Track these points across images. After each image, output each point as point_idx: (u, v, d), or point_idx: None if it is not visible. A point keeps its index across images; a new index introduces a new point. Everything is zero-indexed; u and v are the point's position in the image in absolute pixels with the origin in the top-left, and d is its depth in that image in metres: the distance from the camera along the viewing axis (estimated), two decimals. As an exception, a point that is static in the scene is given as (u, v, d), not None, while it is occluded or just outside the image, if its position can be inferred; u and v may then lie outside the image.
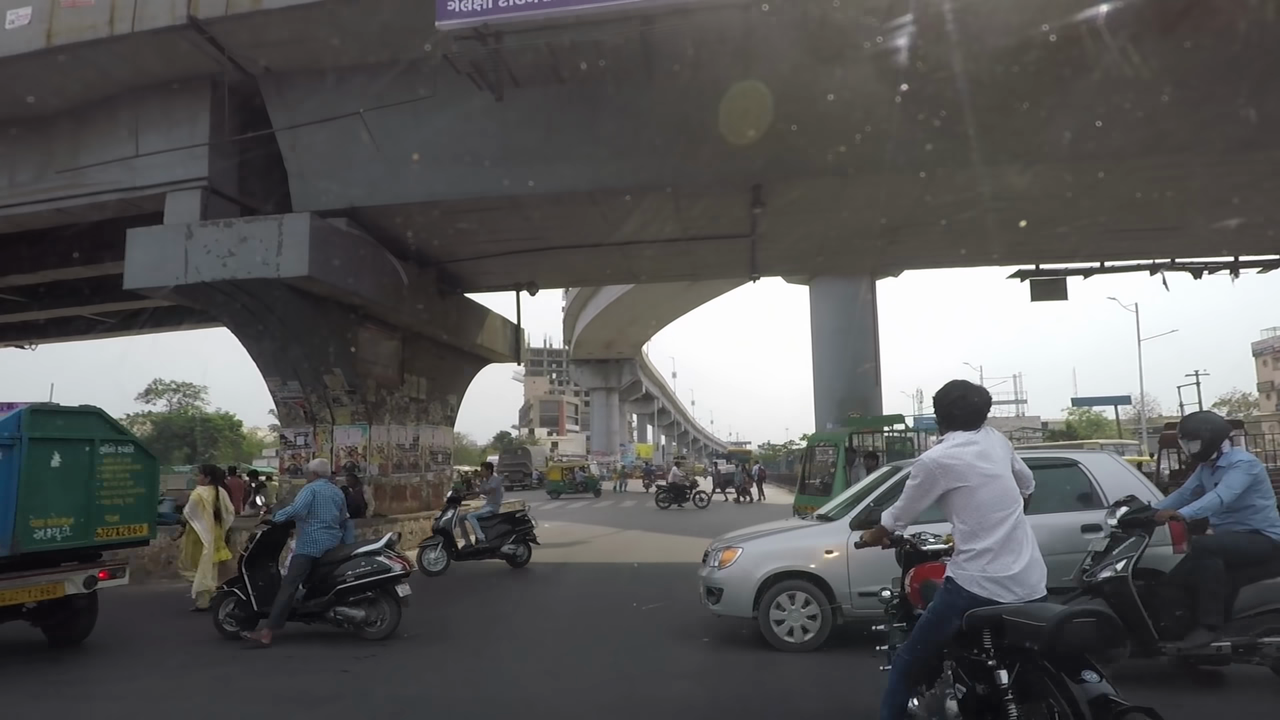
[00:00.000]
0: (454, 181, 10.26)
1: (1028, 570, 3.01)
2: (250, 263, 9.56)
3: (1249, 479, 4.74)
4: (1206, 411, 5.45)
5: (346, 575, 6.49)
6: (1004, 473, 3.15)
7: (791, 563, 6.11)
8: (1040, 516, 5.74)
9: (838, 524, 6.21)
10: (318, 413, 11.77)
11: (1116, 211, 11.43)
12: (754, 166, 9.77)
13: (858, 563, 5.91)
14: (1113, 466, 6.11)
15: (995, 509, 3.05)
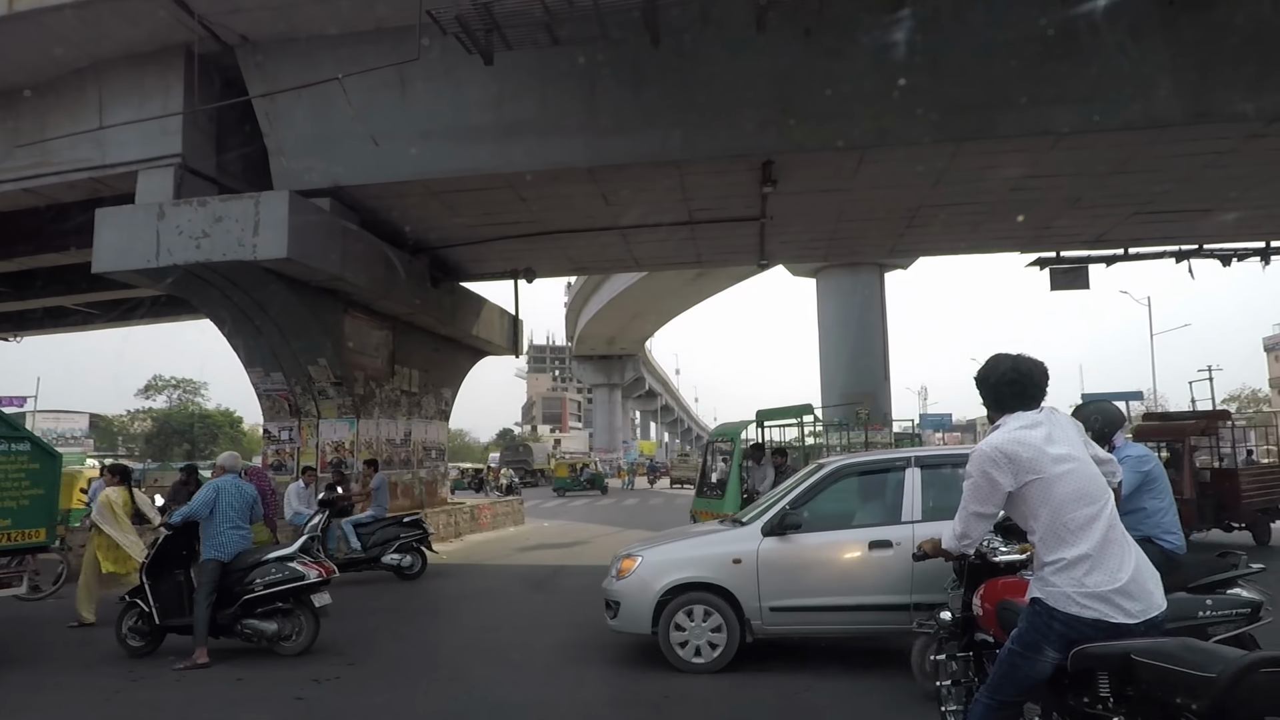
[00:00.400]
0: (443, 158, 9.60)
1: (1137, 578, 2.39)
2: (225, 244, 8.92)
3: (1139, 477, 4.12)
4: (1100, 400, 4.71)
5: (255, 584, 5.81)
6: (1083, 457, 2.55)
7: (695, 573, 5.45)
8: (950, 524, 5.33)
9: (748, 529, 5.56)
10: (303, 406, 11.15)
11: (1151, 191, 10.72)
12: (765, 140, 9.10)
13: (769, 573, 5.36)
14: None
15: (1082, 504, 2.44)
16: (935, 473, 5.64)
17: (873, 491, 5.98)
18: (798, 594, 5.33)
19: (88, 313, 17.46)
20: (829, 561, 5.36)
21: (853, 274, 28.37)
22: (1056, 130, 8.75)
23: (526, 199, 10.53)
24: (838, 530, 5.49)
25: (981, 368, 2.76)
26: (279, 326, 10.40)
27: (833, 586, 5.31)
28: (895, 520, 5.39)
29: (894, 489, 5.55)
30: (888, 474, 5.71)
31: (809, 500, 5.61)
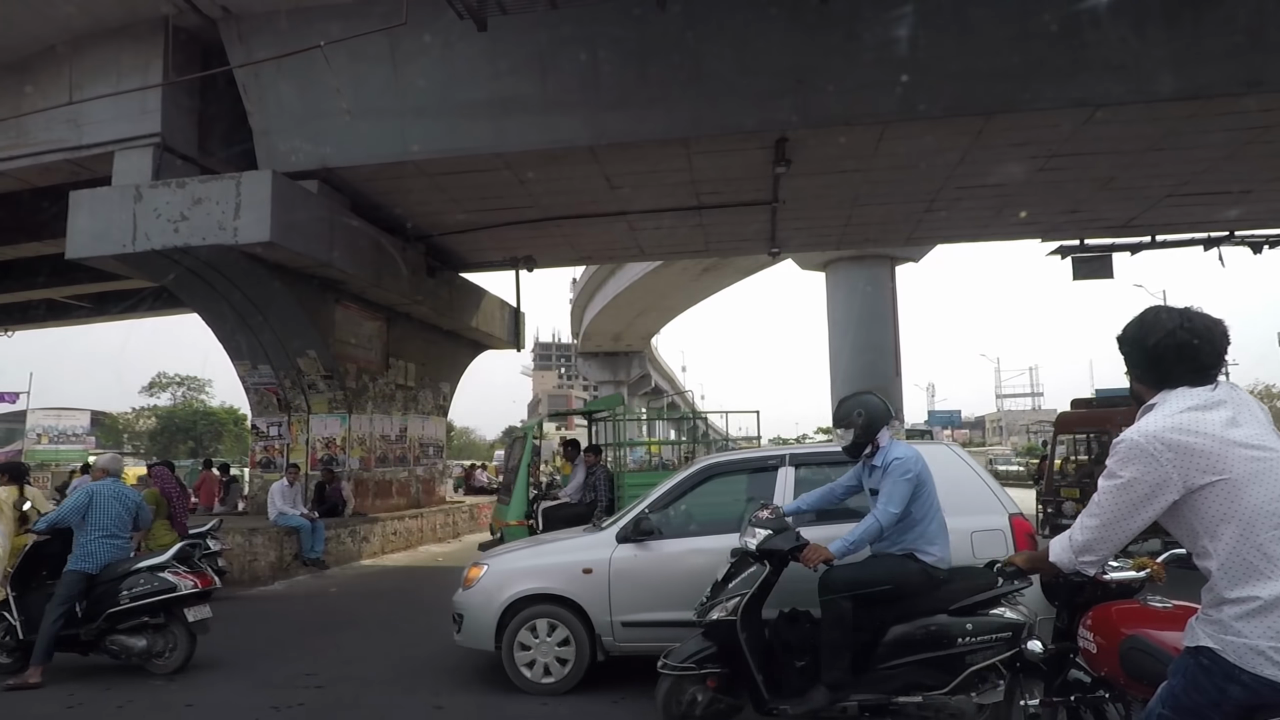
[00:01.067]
0: (437, 137, 9.05)
1: None
2: (205, 227, 8.39)
3: (908, 487, 3.71)
4: (863, 392, 4.10)
5: (121, 596, 5.29)
6: (1276, 459, 1.79)
7: (541, 584, 4.93)
8: (841, 526, 4.56)
9: (603, 536, 5.04)
10: (292, 400, 10.62)
11: (1188, 169, 10.09)
12: (779, 115, 8.51)
13: (621, 584, 4.84)
14: (950, 463, 4.86)
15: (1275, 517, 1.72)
16: (811, 472, 5.10)
17: (741, 493, 5.44)
18: (652, 607, 4.79)
19: (77, 306, 17.00)
20: (687, 571, 4.78)
21: (863, 267, 27.78)
22: (1093, 102, 8.15)
23: (526, 182, 9.97)
24: (699, 536, 4.96)
25: (1132, 324, 2.03)
26: (265, 316, 9.88)
27: (690, 599, 4.70)
28: None
29: (764, 491, 4.98)
30: (759, 474, 5.17)
31: (671, 502, 5.07)
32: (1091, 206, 11.53)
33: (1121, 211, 11.93)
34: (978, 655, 3.32)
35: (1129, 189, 10.77)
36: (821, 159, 9.50)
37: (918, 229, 12.43)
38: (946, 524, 3.94)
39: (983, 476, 4.85)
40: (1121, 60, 7.94)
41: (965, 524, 4.58)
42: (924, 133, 8.89)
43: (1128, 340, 2.03)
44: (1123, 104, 8.17)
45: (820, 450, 5.53)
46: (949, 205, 11.30)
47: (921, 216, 11.81)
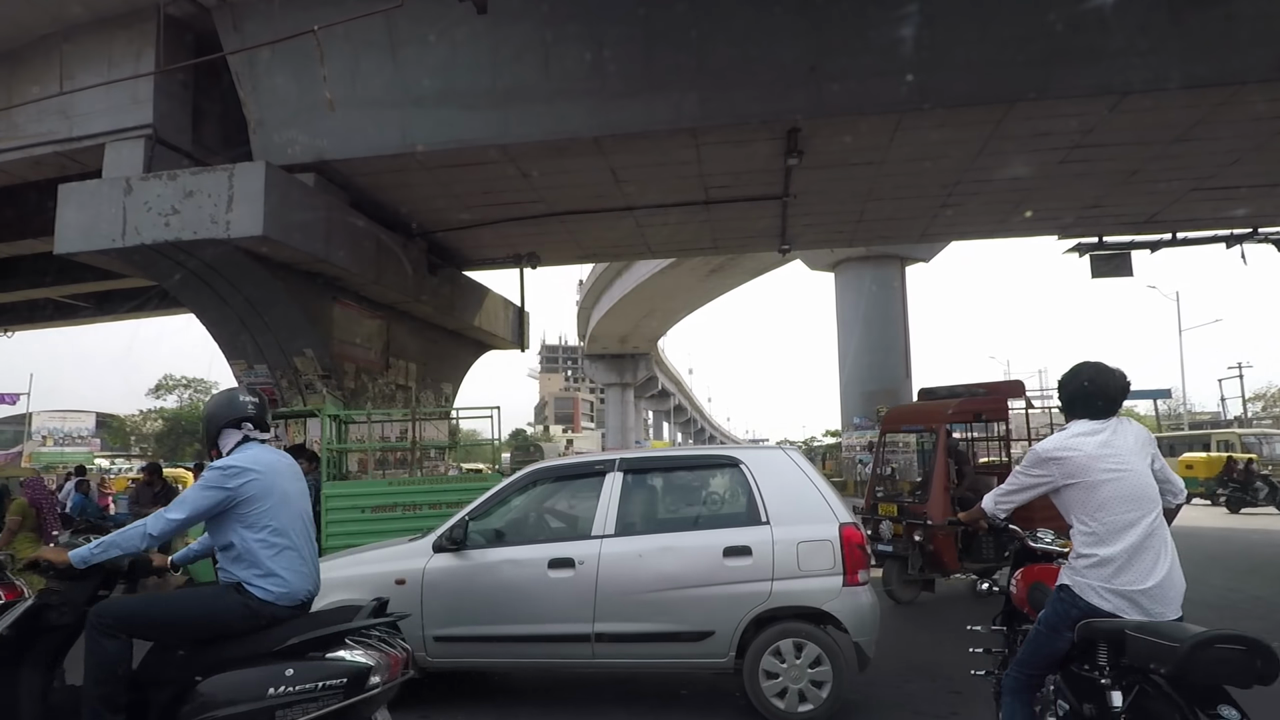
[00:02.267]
0: (437, 128, 8.76)
1: (1164, 586, 2.61)
2: (197, 221, 8.11)
3: (210, 498, 2.85)
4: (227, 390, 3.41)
5: None
6: (1136, 468, 2.74)
7: (352, 595, 4.57)
8: (669, 536, 4.65)
9: (420, 544, 4.80)
10: (289, 400, 10.33)
11: (1216, 161, 9.72)
12: (791, 103, 8.19)
13: (435, 596, 4.61)
14: (784, 469, 4.70)
15: (1123, 509, 2.68)
16: (642, 479, 4.88)
17: (568, 500, 5.23)
18: (465, 621, 4.58)
19: (76, 306, 16.79)
20: (503, 583, 4.59)
21: (873, 267, 27.38)
22: (1118, 89, 7.80)
23: (529, 175, 9.66)
24: (519, 546, 4.74)
25: (1065, 373, 2.97)
26: (261, 314, 9.60)
27: (504, 612, 4.55)
28: (585, 534, 4.66)
29: (591, 498, 4.79)
30: (587, 480, 4.93)
31: (494, 510, 4.82)
32: (1113, 201, 11.16)
33: (1143, 207, 11.55)
34: (295, 709, 2.56)
35: (1152, 183, 10.40)
36: (834, 151, 9.17)
37: (932, 225, 12.07)
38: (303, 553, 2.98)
39: (817, 484, 4.64)
40: (1149, 45, 7.59)
41: (793, 534, 4.42)
42: (941, 123, 8.56)
43: (1059, 384, 2.95)
44: (1149, 91, 7.81)
45: (653, 455, 5.33)
46: (965, 200, 10.95)
47: (937, 212, 11.46)
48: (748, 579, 4.35)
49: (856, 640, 4.33)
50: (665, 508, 5.02)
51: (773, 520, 4.47)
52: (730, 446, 5.24)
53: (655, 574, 4.42)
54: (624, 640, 4.46)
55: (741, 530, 4.50)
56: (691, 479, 5.11)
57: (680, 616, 4.37)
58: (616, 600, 4.41)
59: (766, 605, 4.32)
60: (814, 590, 4.31)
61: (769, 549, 4.37)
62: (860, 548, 4.40)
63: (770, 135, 8.70)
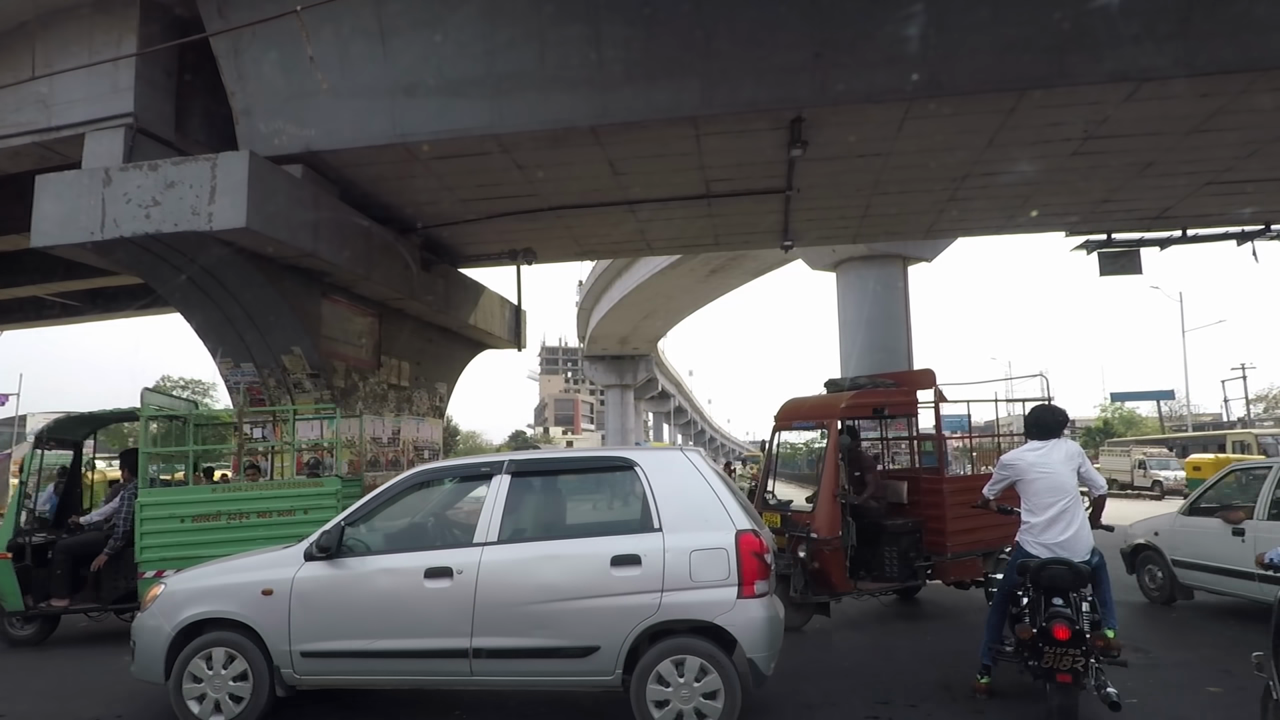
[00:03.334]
0: (429, 117, 8.47)
1: (1071, 541, 4.44)
2: (178, 213, 7.81)
3: None
4: None
5: None
6: (1057, 471, 4.56)
7: (216, 606, 4.36)
8: (555, 544, 4.29)
9: (292, 551, 4.49)
10: (277, 400, 10.03)
11: (1233, 154, 9.42)
12: (796, 90, 7.90)
13: (304, 608, 4.28)
14: (682, 473, 4.36)
15: (1046, 496, 4.55)
16: (532, 482, 4.54)
17: (454, 504, 4.92)
18: (335, 635, 4.24)
19: (68, 304, 16.49)
20: (377, 594, 4.27)
21: (875, 267, 27.13)
22: (1136, 76, 7.50)
23: (524, 167, 9.37)
24: (396, 554, 4.44)
25: (1030, 410, 4.97)
26: (246, 311, 9.30)
27: (377, 626, 4.23)
28: (466, 541, 4.33)
29: (477, 502, 4.51)
30: (475, 483, 4.64)
31: (374, 514, 4.49)
32: (1124, 196, 10.86)
33: (1155, 202, 11.25)
34: None
35: (1166, 176, 10.11)
36: (840, 142, 8.87)
37: (939, 220, 11.77)
38: None
39: (715, 489, 4.30)
40: (1167, 30, 7.30)
41: (686, 542, 4.09)
42: (951, 112, 8.26)
43: (1025, 418, 4.90)
44: (1166, 79, 7.52)
45: (545, 457, 4.95)
46: (973, 195, 10.65)
47: (944, 206, 11.16)
48: (636, 590, 4.04)
49: (751, 656, 4.00)
50: (554, 513, 4.67)
51: (666, 527, 4.17)
52: (626, 449, 4.87)
53: (538, 584, 4.13)
54: (504, 656, 4.14)
55: (632, 538, 4.20)
56: (584, 483, 4.81)
57: (564, 630, 4.08)
58: (496, 613, 4.10)
59: (655, 619, 4.01)
60: (706, 602, 4.00)
61: (660, 558, 4.07)
62: (758, 557, 4.07)
63: (773, 125, 8.40)
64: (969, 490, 7.27)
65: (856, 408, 7.28)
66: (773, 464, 8.10)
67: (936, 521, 7.15)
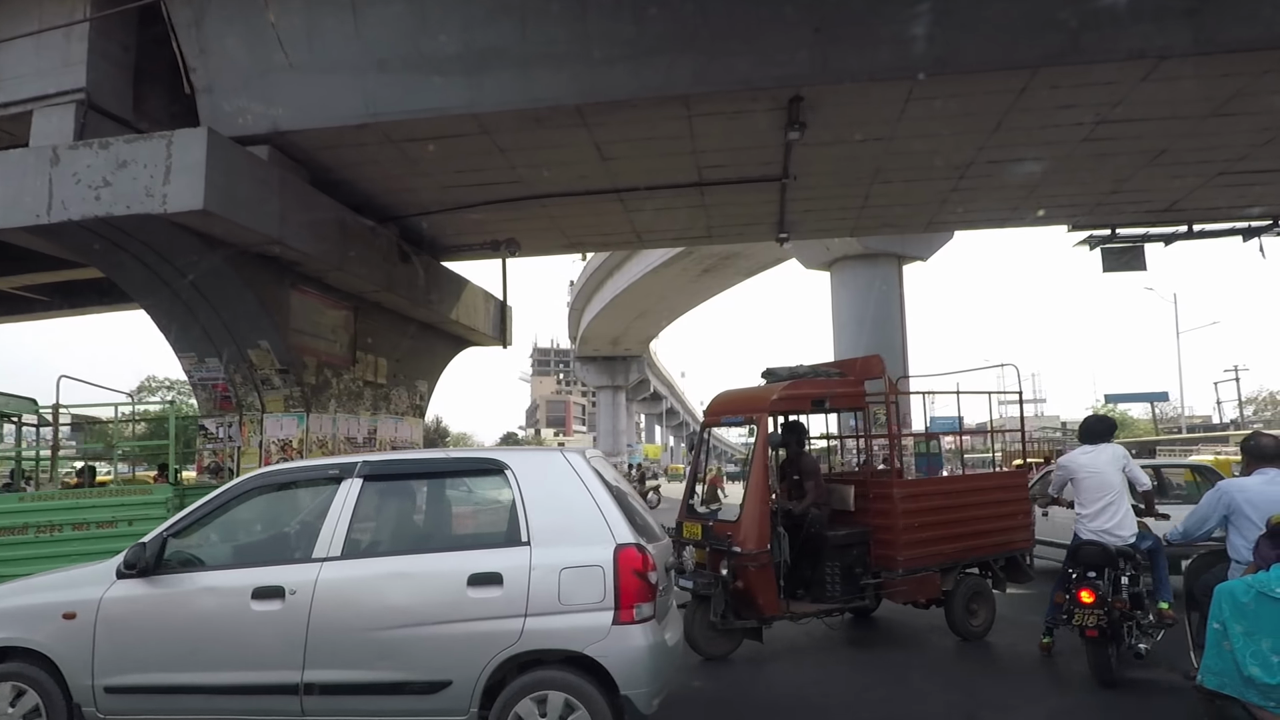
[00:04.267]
0: (403, 95, 7.94)
1: (1115, 528, 5.47)
2: (130, 194, 7.25)
3: None
4: None
5: None
6: (1104, 471, 5.61)
7: (11, 633, 3.77)
8: (405, 560, 3.75)
9: (100, 569, 3.90)
10: (243, 397, 9.47)
11: (1250, 140, 9.00)
12: (794, 67, 7.41)
13: (111, 635, 3.68)
14: (559, 477, 3.84)
15: (1095, 492, 5.61)
16: (386, 487, 4.00)
17: (296, 513, 4.33)
18: (147, 667, 3.66)
19: (33, 299, 15.84)
20: (198, 617, 3.70)
21: (870, 266, 26.79)
22: (1155, 53, 7.05)
23: (506, 151, 8.85)
24: (223, 570, 3.91)
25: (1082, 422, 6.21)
26: (210, 302, 8.73)
27: (196, 656, 3.66)
28: (305, 557, 3.76)
29: (319, 510, 3.96)
30: (322, 488, 4.09)
31: (202, 525, 3.94)
32: (1135, 186, 10.43)
33: (1165, 194, 10.83)
34: None
35: (1178, 165, 9.68)
36: (839, 124, 8.40)
37: (940, 211, 11.31)
38: None
39: (597, 496, 3.77)
40: (1190, 5, 6.85)
41: (556, 558, 3.58)
42: (957, 92, 7.80)
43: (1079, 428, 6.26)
44: (1188, 56, 7.08)
45: (404, 458, 4.39)
46: (977, 184, 10.20)
47: (946, 197, 10.70)
48: (496, 614, 3.53)
49: (626, 693, 3.48)
50: (410, 523, 4.16)
51: (535, 540, 3.66)
52: (500, 449, 4.36)
53: (383, 607, 3.60)
54: (341, 692, 3.58)
55: (495, 553, 3.68)
56: (447, 488, 4.25)
57: (411, 662, 3.54)
58: (333, 640, 3.56)
59: (516, 648, 3.51)
60: (575, 629, 3.51)
61: (524, 576, 3.56)
62: (640, 576, 3.57)
63: (770, 105, 7.91)
64: (925, 495, 6.75)
65: (791, 400, 6.49)
66: (701, 467, 7.33)
67: (886, 532, 6.43)
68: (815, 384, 6.68)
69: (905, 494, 6.52)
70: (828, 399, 6.67)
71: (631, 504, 4.17)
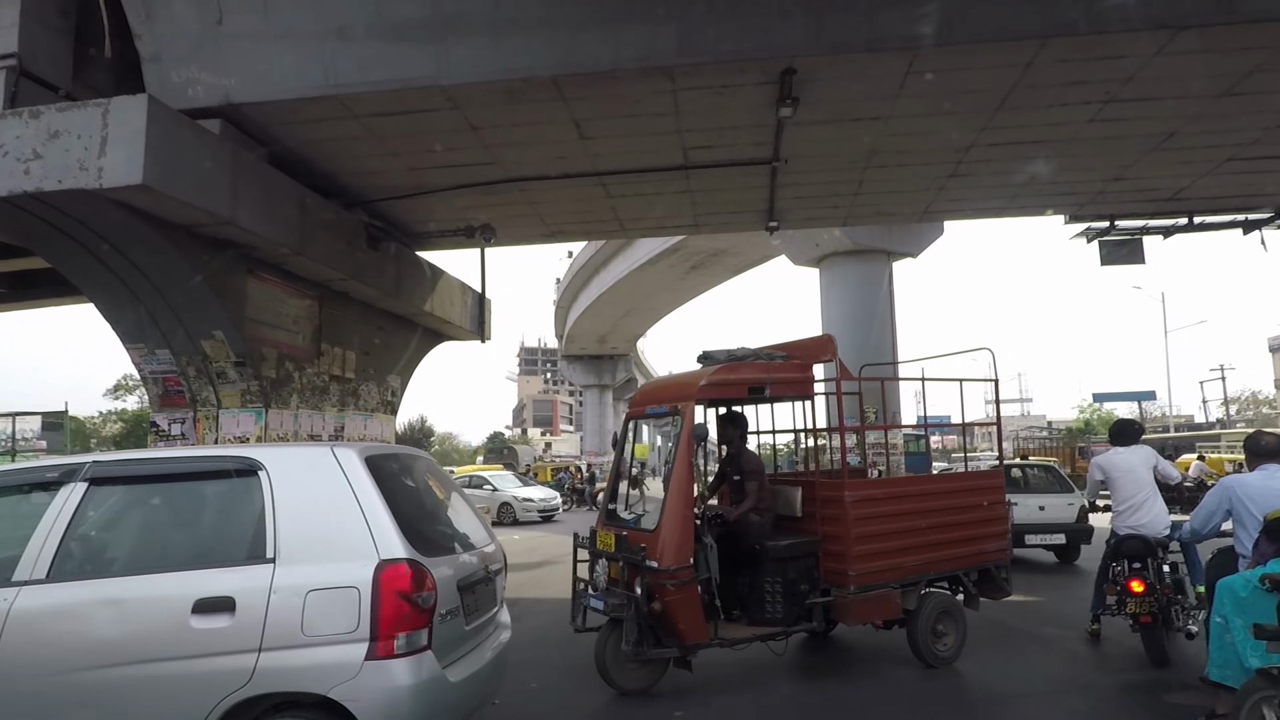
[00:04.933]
0: (365, 64, 7.36)
1: (1150, 522, 5.98)
2: (62, 168, 6.62)
3: None
4: None
5: None
6: (1137, 469, 6.15)
7: None
8: (122, 582, 3.11)
9: None
10: (198, 392, 8.84)
11: (1263, 123, 8.57)
12: (787, 37, 6.90)
13: None
14: (324, 479, 3.22)
15: (1129, 490, 6.12)
16: (114, 494, 3.36)
17: (15, 525, 3.60)
18: None
19: (-13, 290, 15.09)
20: None
21: (859, 262, 26.47)
22: (1173, 23, 6.59)
23: (479, 128, 8.27)
24: None
25: (1113, 425, 6.76)
26: (158, 288, 8.11)
27: None
28: (5, 579, 3.14)
29: (30, 520, 3.32)
30: (37, 495, 3.43)
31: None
32: (1139, 173, 9.99)
33: (1171, 180, 10.40)
34: None
35: (1188, 149, 9.24)
36: (834, 101, 7.88)
37: (937, 200, 10.83)
38: None
39: (364, 504, 3.14)
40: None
41: (303, 578, 2.99)
42: (960, 66, 7.31)
43: (1109, 430, 6.77)
44: (1209, 25, 6.62)
45: (140, 457, 3.69)
46: (977, 169, 9.72)
47: (944, 183, 10.22)
48: (224, 649, 2.92)
49: None
50: (137, 537, 3.49)
51: (282, 556, 3.04)
52: (258, 447, 3.62)
53: (88, 642, 2.97)
54: None
55: (231, 572, 3.06)
56: (190, 494, 3.53)
57: (120, 711, 2.92)
58: (25, 685, 2.92)
59: (246, 691, 2.90)
60: (318, 667, 2.90)
61: (262, 601, 2.95)
62: (406, 598, 2.97)
63: (760, 78, 7.38)
64: (882, 499, 5.83)
65: (722, 386, 5.57)
66: (625, 466, 6.22)
67: (836, 542, 5.55)
68: (752, 368, 5.73)
69: (858, 497, 5.61)
70: (768, 385, 5.70)
71: (438, 512, 3.57)
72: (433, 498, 3.77)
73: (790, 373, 5.90)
